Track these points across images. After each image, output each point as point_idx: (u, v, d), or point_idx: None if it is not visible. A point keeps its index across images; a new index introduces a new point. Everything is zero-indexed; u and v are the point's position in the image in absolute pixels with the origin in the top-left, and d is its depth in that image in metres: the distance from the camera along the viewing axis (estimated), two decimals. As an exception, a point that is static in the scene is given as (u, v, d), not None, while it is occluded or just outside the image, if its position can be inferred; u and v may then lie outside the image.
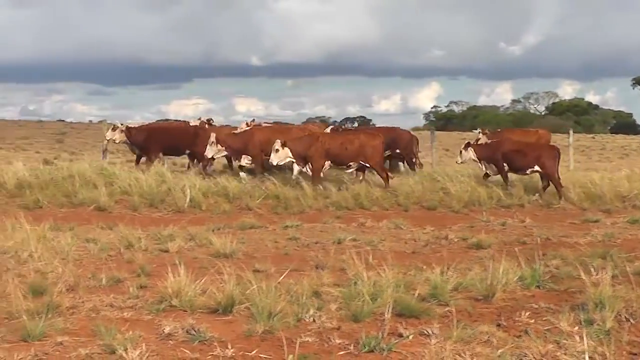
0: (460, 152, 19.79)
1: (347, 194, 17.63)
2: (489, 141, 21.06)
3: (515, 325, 7.70)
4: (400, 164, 23.16)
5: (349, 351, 6.92)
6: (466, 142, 20.24)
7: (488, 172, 19.57)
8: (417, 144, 23.32)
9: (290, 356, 6.44)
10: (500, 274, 8.89)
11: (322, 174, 19.02)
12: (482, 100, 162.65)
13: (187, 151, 22.43)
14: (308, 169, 18.97)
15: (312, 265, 10.44)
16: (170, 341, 7.15)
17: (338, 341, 7.13)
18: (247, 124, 23.91)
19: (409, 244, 12.69)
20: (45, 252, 10.67)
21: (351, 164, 19.31)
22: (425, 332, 7.34)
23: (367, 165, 19.38)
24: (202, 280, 8.63)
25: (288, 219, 15.32)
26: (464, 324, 7.50)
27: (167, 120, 25.75)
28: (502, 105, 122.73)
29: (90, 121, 25.31)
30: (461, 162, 20.12)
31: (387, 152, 21.40)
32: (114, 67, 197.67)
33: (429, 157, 26.15)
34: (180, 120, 26.26)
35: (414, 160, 22.62)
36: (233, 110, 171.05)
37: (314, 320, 7.73)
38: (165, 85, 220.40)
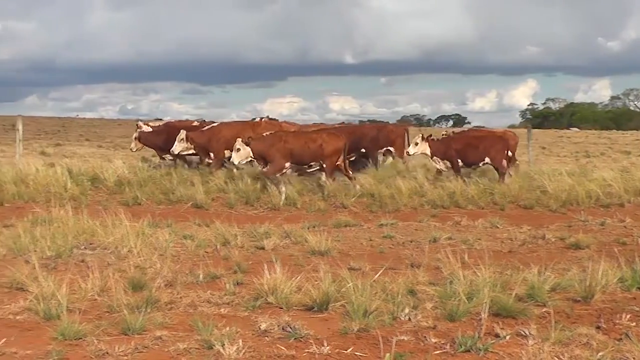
0: (416, 143, 19.27)
1: (443, 192, 17.47)
2: (441, 137, 20.40)
3: (615, 327, 7.52)
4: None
5: (445, 350, 6.87)
6: (421, 134, 19.69)
7: (440, 168, 19.31)
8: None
9: (387, 355, 6.41)
10: (599, 275, 8.70)
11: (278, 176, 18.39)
12: (580, 97, 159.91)
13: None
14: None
15: (407, 264, 10.37)
16: (266, 338, 7.21)
17: (434, 340, 7.08)
18: (260, 119, 23.95)
19: (505, 243, 12.52)
20: (144, 248, 10.88)
21: (312, 163, 18.75)
22: (522, 332, 7.23)
23: (324, 165, 18.63)
24: (298, 278, 8.66)
25: (383, 217, 15.27)
26: (562, 326, 7.36)
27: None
28: (601, 102, 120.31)
29: (187, 119, 25.60)
30: (412, 154, 19.70)
31: (382, 149, 21.46)
32: (210, 66, 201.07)
33: (525, 155, 25.75)
34: (183, 120, 25.97)
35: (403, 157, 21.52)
36: (327, 109, 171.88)
37: (409, 319, 7.69)
38: (260, 84, 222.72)
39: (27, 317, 7.88)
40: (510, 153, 19.89)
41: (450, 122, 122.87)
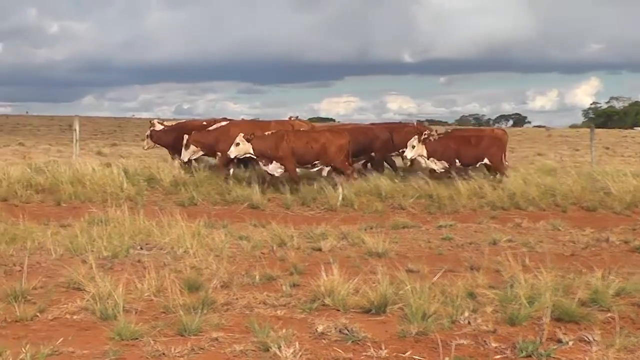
0: (412, 146, 18.80)
1: (503, 193, 17.32)
2: (437, 137, 19.85)
3: (683, 333, 7.38)
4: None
5: (505, 355, 6.80)
6: (416, 136, 19.10)
7: (436, 169, 19.00)
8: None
9: (446, 359, 6.38)
10: (667, 280, 8.55)
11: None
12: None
13: None
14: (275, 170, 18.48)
15: (466, 266, 10.30)
16: (323, 340, 7.21)
17: (494, 345, 7.02)
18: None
19: (567, 246, 12.36)
20: (200, 249, 10.96)
21: (316, 162, 18.72)
22: (586, 338, 7.12)
23: (331, 165, 18.70)
24: (355, 280, 8.64)
25: (442, 218, 15.19)
26: (628, 332, 7.25)
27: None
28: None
29: (243, 119, 25.70)
30: (410, 158, 19.21)
31: (398, 150, 20.82)
32: (266, 66, 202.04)
33: (588, 155, 25.42)
34: (194, 120, 25.87)
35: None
36: (384, 108, 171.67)
37: (469, 323, 7.63)
38: (316, 83, 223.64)
39: (84, 317, 7.98)
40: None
41: (510, 122, 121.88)
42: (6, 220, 13.15)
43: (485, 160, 19.25)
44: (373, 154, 21.13)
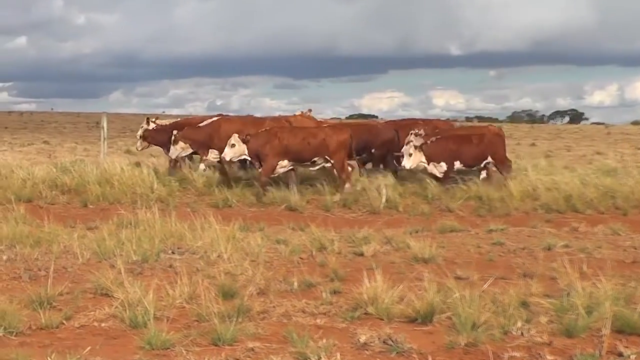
0: (410, 154, 18.19)
1: (558, 195, 17.20)
2: (434, 139, 19.03)
3: None
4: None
5: (561, 369, 6.77)
6: (412, 144, 18.33)
7: (437, 174, 18.51)
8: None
9: (497, 372, 6.36)
10: None
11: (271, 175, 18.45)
12: None
13: None
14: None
15: (519, 273, 10.26)
16: (366, 351, 7.22)
17: (549, 357, 6.98)
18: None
19: (628, 252, 12.23)
20: (235, 253, 10.99)
21: (316, 159, 18.61)
22: (649, 351, 7.07)
23: (331, 162, 18.55)
24: (400, 287, 8.64)
25: (492, 221, 15.10)
26: (694, 345, 7.17)
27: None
28: None
29: (280, 115, 25.58)
30: (410, 168, 18.51)
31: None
32: (304, 59, 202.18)
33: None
34: (190, 118, 25.78)
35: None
36: (430, 104, 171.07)
37: (522, 334, 7.59)
38: (358, 78, 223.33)
39: (112, 325, 8.05)
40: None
41: (566, 119, 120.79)
42: (31, 223, 13.31)
43: (489, 159, 18.94)
44: (373, 151, 21.06)
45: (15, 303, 8.30)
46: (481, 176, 18.81)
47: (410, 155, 18.13)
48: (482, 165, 19.10)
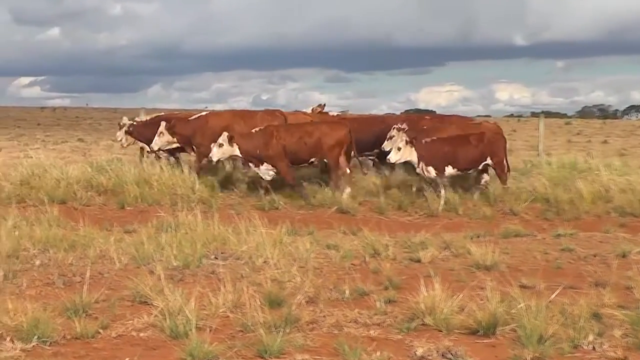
0: (398, 148, 17.59)
1: (633, 197, 17.01)
2: (429, 139, 18.18)
3: None
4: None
5: (637, 386, 6.71)
6: (404, 138, 17.81)
7: (431, 177, 17.68)
8: None
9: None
10: None
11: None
12: None
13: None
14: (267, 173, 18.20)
15: (590, 282, 10.18)
16: (423, 365, 7.22)
17: (624, 374, 6.93)
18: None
19: None
20: (282, 259, 11.03)
21: (313, 160, 18.48)
22: None
23: (324, 160, 18.43)
24: (460, 296, 8.62)
25: (560, 226, 14.98)
26: None
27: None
28: None
29: (324, 111, 25.15)
30: (395, 162, 17.92)
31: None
32: (355, 51, 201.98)
33: None
34: (175, 112, 25.71)
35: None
36: (492, 98, 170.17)
37: (593, 348, 7.56)
38: (414, 70, 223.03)
39: (151, 335, 8.13)
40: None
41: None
42: (65, 225, 13.46)
43: (488, 161, 18.08)
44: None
45: (49, 311, 8.41)
46: (482, 180, 18.36)
47: (399, 149, 17.59)
48: (479, 168, 18.31)
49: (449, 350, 7.37)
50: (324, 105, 23.79)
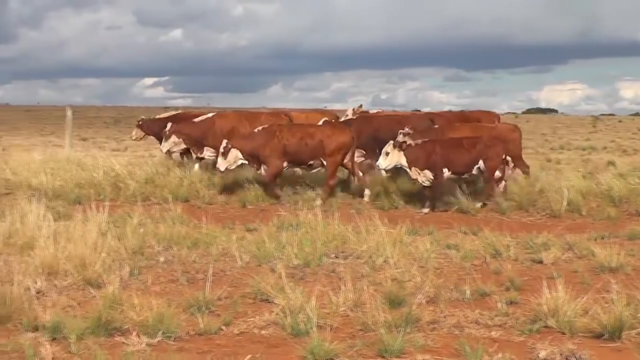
0: (386, 153, 16.88)
1: None
2: (419, 141, 17.48)
3: None
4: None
5: None
6: (391, 142, 17.08)
7: (422, 181, 17.05)
8: None
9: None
10: None
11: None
12: None
13: None
14: (263, 171, 18.03)
15: None
16: (546, 368, 7.12)
17: None
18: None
19: None
20: (402, 259, 11.03)
21: (312, 162, 18.07)
22: None
23: (324, 164, 18.00)
24: (584, 298, 8.47)
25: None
26: None
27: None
28: None
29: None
30: (384, 168, 17.34)
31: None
32: (477, 49, 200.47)
33: None
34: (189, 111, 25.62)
35: None
36: (617, 97, 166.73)
37: None
38: (534, 69, 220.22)
39: (272, 332, 8.21)
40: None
41: None
42: (188, 223, 13.68)
43: (480, 165, 17.15)
44: None
45: (173, 307, 8.55)
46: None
47: (387, 154, 17.04)
48: (473, 173, 17.40)
49: (573, 354, 7.26)
50: (361, 106, 23.92)
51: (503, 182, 17.35)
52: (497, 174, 17.00)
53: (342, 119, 22.02)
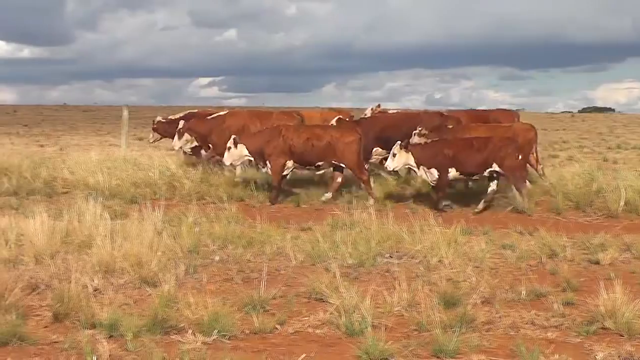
0: (394, 154, 16.67)
1: None
2: (429, 140, 17.50)
3: None
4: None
5: None
6: (398, 143, 16.80)
7: (430, 180, 16.80)
8: None
9: None
10: None
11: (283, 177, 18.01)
12: None
13: None
14: (269, 170, 17.99)
15: None
16: (603, 369, 7.06)
17: None
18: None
19: None
20: (457, 259, 10.99)
21: (320, 163, 17.90)
22: None
23: (342, 165, 17.83)
24: (642, 300, 8.38)
25: None
26: None
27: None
28: None
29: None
30: (393, 169, 17.21)
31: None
32: (531, 47, 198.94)
33: None
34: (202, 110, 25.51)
35: None
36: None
37: None
38: (591, 67, 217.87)
39: (327, 332, 8.21)
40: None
41: None
42: (243, 222, 13.74)
43: (495, 167, 16.66)
44: None
45: (228, 305, 8.59)
46: (489, 188, 17.32)
47: (395, 155, 16.86)
48: (484, 174, 16.95)
49: (631, 356, 7.20)
50: (379, 105, 23.86)
51: (527, 182, 17.26)
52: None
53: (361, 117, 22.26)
